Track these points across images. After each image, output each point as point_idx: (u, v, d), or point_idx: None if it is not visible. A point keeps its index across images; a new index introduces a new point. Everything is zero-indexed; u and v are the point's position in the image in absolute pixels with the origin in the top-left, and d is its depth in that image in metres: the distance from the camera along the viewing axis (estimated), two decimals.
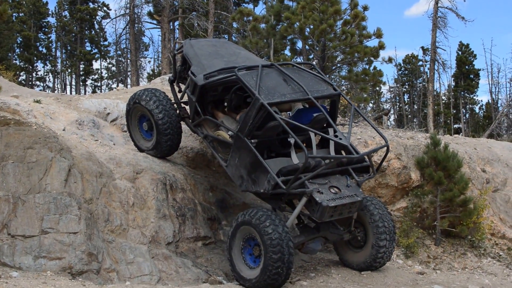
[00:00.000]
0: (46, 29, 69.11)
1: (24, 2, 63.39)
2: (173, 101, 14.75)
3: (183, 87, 14.92)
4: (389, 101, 74.04)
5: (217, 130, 13.44)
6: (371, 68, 23.62)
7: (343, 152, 12.62)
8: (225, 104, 14.15)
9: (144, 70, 71.45)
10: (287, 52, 26.83)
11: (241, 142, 12.13)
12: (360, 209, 12.53)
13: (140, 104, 14.45)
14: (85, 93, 64.15)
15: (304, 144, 12.33)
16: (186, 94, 14.29)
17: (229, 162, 12.62)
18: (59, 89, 70.20)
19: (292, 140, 12.23)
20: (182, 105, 14.81)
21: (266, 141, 12.63)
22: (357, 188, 12.04)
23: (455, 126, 64.83)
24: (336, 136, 12.45)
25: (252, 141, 12.02)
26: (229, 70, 13.07)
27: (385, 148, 12.30)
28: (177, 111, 14.49)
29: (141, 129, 14.98)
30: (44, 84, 71.37)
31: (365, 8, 21.66)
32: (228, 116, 13.52)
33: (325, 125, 13.07)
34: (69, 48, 68.77)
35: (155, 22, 47.78)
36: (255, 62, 14.17)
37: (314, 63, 14.93)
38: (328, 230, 12.63)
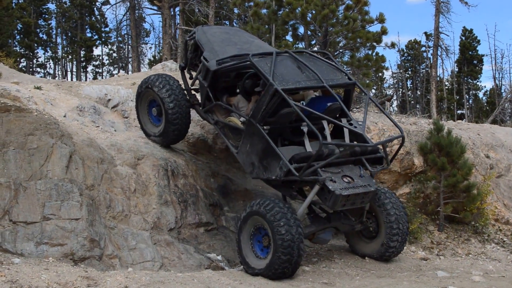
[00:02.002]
0: (46, 16, 68.81)
1: None
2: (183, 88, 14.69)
3: (193, 74, 14.87)
4: (391, 86, 73.98)
5: (228, 116, 13.37)
6: (374, 53, 23.47)
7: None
8: (238, 90, 14.05)
9: (145, 56, 71.23)
10: (289, 37, 26.67)
11: (253, 128, 12.09)
12: (373, 200, 12.47)
13: (153, 89, 14.39)
14: (86, 80, 63.97)
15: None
16: (197, 81, 14.25)
17: (240, 149, 12.61)
18: (60, 75, 70.06)
19: (305, 128, 12.14)
20: (193, 92, 14.75)
21: (278, 129, 12.58)
22: (370, 178, 11.95)
23: (458, 112, 64.57)
24: (350, 125, 12.38)
25: (265, 127, 11.97)
26: (243, 57, 12.98)
27: (401, 138, 12.21)
28: (188, 98, 14.45)
29: (150, 114, 14.93)
30: (45, 71, 71.14)
31: None
32: (242, 98, 13.38)
33: (338, 115, 12.97)
34: (69, 34, 68.59)
35: (155, 8, 47.57)
36: (268, 50, 14.01)
37: (328, 52, 14.74)
38: (340, 221, 12.55)
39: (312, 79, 12.32)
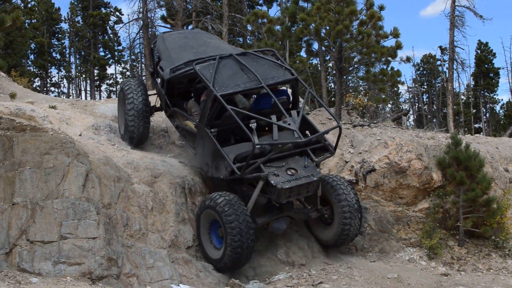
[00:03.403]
0: (60, 35, 69.04)
1: (36, 9, 63.31)
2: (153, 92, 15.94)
3: None
4: (407, 101, 73.72)
5: (186, 120, 14.38)
6: (389, 68, 23.28)
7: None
8: (192, 94, 15.01)
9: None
10: (302, 53, 26.67)
11: (203, 131, 12.96)
12: (325, 187, 13.52)
13: (122, 92, 15.42)
14: (100, 98, 64.09)
15: (266, 128, 13.53)
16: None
17: (196, 150, 13.63)
18: (74, 94, 70.27)
19: (253, 125, 12.77)
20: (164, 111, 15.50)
21: (228, 132, 13.44)
22: (315, 168, 12.78)
23: (475, 125, 64.27)
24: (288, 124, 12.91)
25: (212, 130, 12.84)
26: (194, 62, 13.87)
27: (338, 129, 13.15)
28: (152, 103, 15.80)
29: (124, 116, 15.57)
30: (59, 90, 71.35)
31: (381, 7, 21.36)
32: (195, 102, 14.45)
33: (290, 106, 13.93)
34: (83, 53, 68.79)
35: (168, 26, 47.63)
36: (224, 50, 15.05)
37: (274, 50, 15.47)
38: (292, 210, 13.27)
39: (253, 80, 13.16)
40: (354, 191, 13.88)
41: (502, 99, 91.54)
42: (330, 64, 26.34)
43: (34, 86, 55.87)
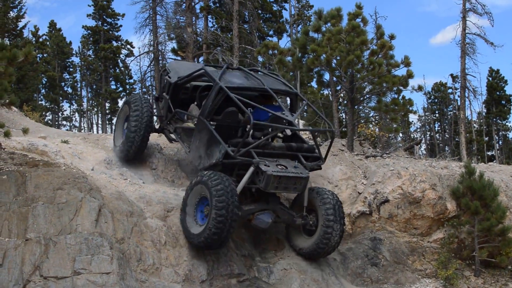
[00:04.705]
0: (71, 69, 69.23)
1: (48, 43, 63.65)
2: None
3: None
4: (418, 130, 73.46)
5: (186, 122, 15.12)
6: (400, 97, 23.17)
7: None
8: (195, 103, 15.39)
9: None
10: (314, 84, 26.58)
11: (201, 124, 13.80)
12: (311, 195, 14.03)
13: (129, 107, 15.66)
14: (111, 132, 64.21)
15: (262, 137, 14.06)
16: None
17: (191, 147, 14.28)
18: (86, 128, 70.33)
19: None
20: (163, 118, 15.99)
21: (226, 131, 13.91)
22: (304, 168, 13.35)
23: (488, 153, 63.85)
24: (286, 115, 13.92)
25: (211, 122, 13.56)
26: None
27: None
28: (157, 124, 16.37)
29: (123, 128, 16.09)
30: (71, 124, 71.46)
31: (392, 37, 21.38)
32: (195, 106, 15.12)
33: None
34: (94, 87, 68.95)
35: (179, 58, 47.75)
36: None
37: (278, 74, 17.02)
38: (278, 205, 13.97)
39: (256, 85, 14.39)
40: (340, 202, 14.08)
41: None
42: (342, 95, 26.23)
43: (46, 120, 56.00)
